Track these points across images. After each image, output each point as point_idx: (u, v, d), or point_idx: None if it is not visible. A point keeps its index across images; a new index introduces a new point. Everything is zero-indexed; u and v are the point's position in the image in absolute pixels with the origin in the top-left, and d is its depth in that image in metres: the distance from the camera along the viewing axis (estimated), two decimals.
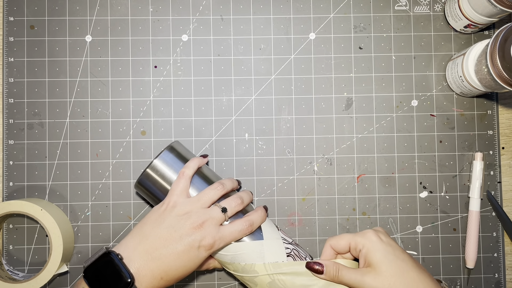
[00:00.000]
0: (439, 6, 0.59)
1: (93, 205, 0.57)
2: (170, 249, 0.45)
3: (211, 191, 0.48)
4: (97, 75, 0.58)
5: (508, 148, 0.59)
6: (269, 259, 0.48)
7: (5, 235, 0.57)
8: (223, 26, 0.58)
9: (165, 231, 0.45)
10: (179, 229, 0.45)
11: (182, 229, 0.45)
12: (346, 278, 0.45)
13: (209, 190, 0.49)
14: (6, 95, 0.57)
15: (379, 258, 0.44)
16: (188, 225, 0.45)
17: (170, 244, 0.45)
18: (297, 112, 0.58)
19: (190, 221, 0.46)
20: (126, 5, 0.58)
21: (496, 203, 0.57)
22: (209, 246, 0.46)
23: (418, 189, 0.58)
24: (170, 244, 0.45)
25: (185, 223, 0.46)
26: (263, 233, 0.50)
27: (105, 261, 0.44)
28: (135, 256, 0.44)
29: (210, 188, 0.49)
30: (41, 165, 0.57)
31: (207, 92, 0.58)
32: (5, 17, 0.57)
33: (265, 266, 0.47)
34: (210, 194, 0.48)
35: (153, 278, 0.44)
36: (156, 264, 0.44)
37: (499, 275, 0.57)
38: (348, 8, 0.59)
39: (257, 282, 0.48)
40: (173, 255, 0.45)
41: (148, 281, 0.44)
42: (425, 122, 0.58)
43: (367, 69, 0.59)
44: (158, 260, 0.44)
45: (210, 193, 0.48)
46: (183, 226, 0.45)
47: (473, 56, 0.53)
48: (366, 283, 0.43)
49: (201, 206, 0.47)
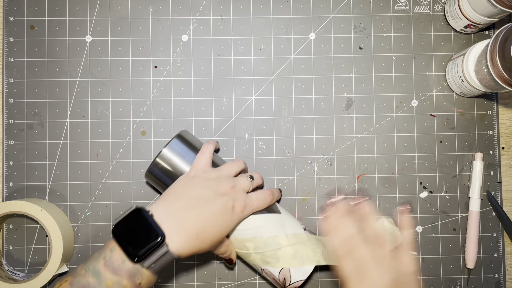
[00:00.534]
0: (439, 6, 0.59)
1: (93, 205, 0.57)
2: (206, 208, 0.44)
3: (233, 164, 0.51)
4: (97, 75, 0.58)
5: (508, 148, 0.59)
6: (290, 231, 0.48)
7: (5, 235, 0.57)
8: (223, 26, 0.58)
9: (199, 191, 0.45)
10: (212, 190, 0.46)
11: (216, 190, 0.46)
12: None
13: (231, 163, 0.51)
14: (6, 95, 0.57)
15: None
16: (221, 187, 0.46)
17: (206, 203, 0.45)
18: (297, 112, 0.58)
19: (223, 184, 0.47)
20: (126, 5, 0.58)
21: (496, 203, 0.57)
22: (242, 208, 0.46)
23: (418, 189, 0.58)
24: (205, 203, 0.45)
25: (218, 185, 0.46)
26: (279, 208, 0.52)
27: (135, 218, 0.42)
28: (168, 215, 0.43)
29: (231, 163, 0.51)
30: (41, 165, 0.57)
31: (207, 92, 0.58)
32: (5, 17, 0.57)
33: (287, 237, 0.48)
34: (234, 166, 0.50)
35: (188, 237, 0.42)
36: (192, 222, 0.43)
37: (499, 275, 0.57)
38: (348, 8, 0.59)
39: (280, 256, 0.48)
40: (208, 213, 0.44)
41: (182, 239, 0.42)
42: (425, 122, 0.58)
43: (367, 69, 0.59)
44: (193, 218, 0.43)
45: (233, 165, 0.50)
46: (216, 188, 0.46)
47: (473, 56, 0.53)
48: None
49: (228, 174, 0.49)
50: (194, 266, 0.57)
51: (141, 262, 0.41)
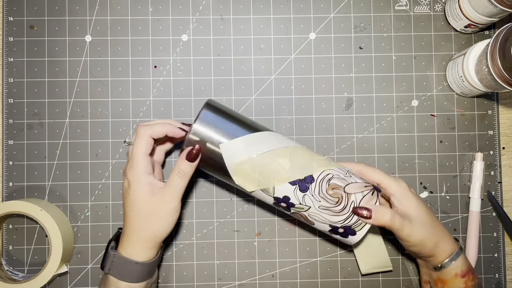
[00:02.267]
0: (440, 6, 0.59)
1: (92, 205, 0.57)
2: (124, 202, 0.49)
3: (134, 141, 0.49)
4: (97, 75, 0.58)
5: (508, 148, 0.59)
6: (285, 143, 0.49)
7: (5, 236, 0.56)
8: (223, 26, 0.58)
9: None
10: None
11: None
12: (396, 224, 0.46)
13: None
14: (6, 95, 0.57)
15: (414, 210, 0.47)
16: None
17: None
18: (297, 112, 0.58)
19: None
20: (126, 5, 0.58)
21: (496, 203, 0.57)
22: (127, 174, 0.48)
23: (418, 189, 0.58)
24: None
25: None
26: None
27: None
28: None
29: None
30: (40, 165, 0.57)
31: (207, 92, 0.58)
32: (4, 17, 0.57)
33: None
34: (132, 147, 0.49)
35: (124, 235, 0.49)
36: (125, 222, 0.49)
37: (500, 275, 0.57)
38: (348, 8, 0.59)
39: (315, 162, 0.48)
40: (125, 204, 0.49)
41: (123, 239, 0.48)
42: (426, 122, 0.58)
43: (367, 69, 0.59)
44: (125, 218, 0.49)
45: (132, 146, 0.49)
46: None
47: (473, 56, 0.52)
48: (404, 231, 0.47)
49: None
50: (194, 266, 0.57)
51: (104, 269, 0.47)
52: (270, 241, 0.57)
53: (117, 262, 0.46)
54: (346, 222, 0.47)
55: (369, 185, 0.48)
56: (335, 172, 0.47)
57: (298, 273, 0.57)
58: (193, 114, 0.58)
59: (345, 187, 0.47)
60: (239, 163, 0.46)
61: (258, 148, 0.46)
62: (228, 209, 0.57)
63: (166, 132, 0.47)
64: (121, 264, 0.46)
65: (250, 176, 0.46)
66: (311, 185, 0.46)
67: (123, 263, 0.46)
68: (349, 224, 0.47)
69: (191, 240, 0.57)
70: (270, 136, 0.48)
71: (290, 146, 0.48)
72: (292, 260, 0.57)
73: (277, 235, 0.57)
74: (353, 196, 0.47)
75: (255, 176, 0.46)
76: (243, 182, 0.47)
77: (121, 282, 0.46)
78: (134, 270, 0.46)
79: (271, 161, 0.46)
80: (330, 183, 0.47)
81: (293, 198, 0.46)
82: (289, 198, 0.47)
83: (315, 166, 0.47)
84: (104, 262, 0.47)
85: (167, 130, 0.47)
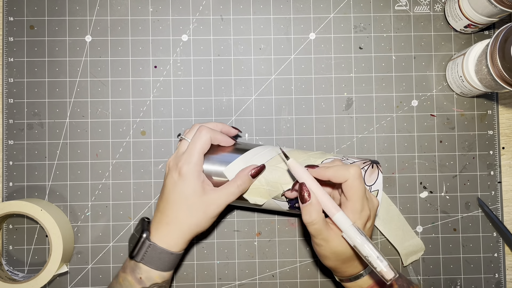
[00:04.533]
0: (439, 6, 0.59)
1: (93, 205, 0.57)
2: (163, 194, 0.49)
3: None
4: (97, 75, 0.58)
5: (508, 148, 0.59)
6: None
7: (5, 236, 0.56)
8: (223, 26, 0.58)
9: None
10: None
11: (166, 174, 0.51)
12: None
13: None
14: (6, 95, 0.57)
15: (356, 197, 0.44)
16: (168, 168, 0.50)
17: (163, 190, 0.50)
18: (297, 112, 0.58)
19: (168, 165, 0.51)
20: (126, 5, 0.58)
21: (488, 209, 0.57)
22: (179, 170, 0.48)
23: (418, 189, 0.58)
24: (163, 190, 0.50)
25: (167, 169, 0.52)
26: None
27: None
28: (153, 218, 0.50)
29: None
30: (41, 165, 0.57)
31: (207, 92, 0.58)
32: (5, 17, 0.57)
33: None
34: (182, 143, 0.50)
35: (161, 225, 0.48)
36: (161, 212, 0.49)
37: (499, 275, 0.57)
38: (348, 8, 0.59)
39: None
40: (164, 195, 0.49)
41: (156, 229, 0.49)
42: (425, 122, 0.58)
43: (367, 69, 0.59)
44: (161, 208, 0.49)
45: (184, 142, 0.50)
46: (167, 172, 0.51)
47: (473, 56, 0.52)
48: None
49: (176, 153, 0.51)
50: (194, 266, 0.57)
51: (135, 258, 0.46)
52: (270, 241, 0.57)
53: (152, 252, 0.46)
54: None
55: (367, 161, 0.50)
56: (332, 159, 0.49)
57: (298, 273, 0.57)
58: (193, 114, 0.58)
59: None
60: None
61: (256, 161, 0.48)
62: (228, 209, 0.57)
63: (221, 143, 0.49)
64: (157, 253, 0.46)
65: (259, 189, 0.48)
66: None
67: (159, 253, 0.46)
68: None
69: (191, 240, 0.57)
70: (263, 149, 0.50)
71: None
72: (292, 260, 0.57)
73: (277, 235, 0.57)
74: None
75: (264, 187, 0.48)
76: (256, 197, 0.49)
77: (153, 271, 0.46)
78: (168, 260, 0.47)
79: (273, 169, 0.48)
80: None
81: None
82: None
83: (312, 160, 0.48)
84: (135, 250, 0.47)
85: (224, 140, 0.49)
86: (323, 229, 0.43)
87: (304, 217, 0.44)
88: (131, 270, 0.47)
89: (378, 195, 0.48)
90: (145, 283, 0.46)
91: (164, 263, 0.47)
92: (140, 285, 0.47)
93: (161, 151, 0.57)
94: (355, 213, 0.43)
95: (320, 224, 0.43)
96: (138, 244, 0.46)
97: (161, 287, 0.48)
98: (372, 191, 0.48)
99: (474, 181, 0.58)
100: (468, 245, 0.58)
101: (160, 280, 0.47)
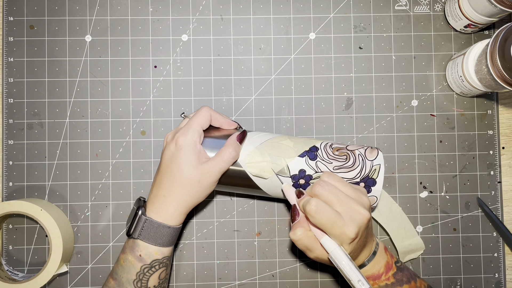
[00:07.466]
0: (439, 6, 0.59)
1: (93, 205, 0.57)
2: (160, 168, 0.50)
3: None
4: (97, 75, 0.58)
5: (508, 148, 0.59)
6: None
7: (5, 235, 0.56)
8: (223, 26, 0.58)
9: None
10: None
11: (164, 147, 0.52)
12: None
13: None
14: (6, 95, 0.57)
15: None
16: (166, 143, 0.52)
17: (160, 165, 0.51)
18: (297, 112, 0.58)
19: (166, 140, 0.52)
20: (126, 5, 0.58)
21: (488, 209, 0.57)
22: (176, 141, 0.49)
23: (418, 189, 0.58)
24: (160, 165, 0.51)
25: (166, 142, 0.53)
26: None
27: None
28: (149, 195, 0.51)
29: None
30: (40, 165, 0.57)
31: (207, 92, 0.58)
32: (4, 17, 0.57)
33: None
34: (184, 122, 0.52)
35: (157, 199, 0.49)
36: (157, 186, 0.50)
37: (499, 275, 0.57)
38: (348, 8, 0.59)
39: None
40: (161, 167, 0.50)
41: (152, 203, 0.49)
42: (425, 122, 0.58)
43: (367, 69, 0.59)
44: (158, 182, 0.50)
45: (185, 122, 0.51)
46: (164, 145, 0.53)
47: (473, 56, 0.53)
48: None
49: (176, 130, 0.52)
50: (194, 266, 0.57)
51: (132, 235, 0.47)
52: (270, 241, 0.57)
53: (149, 227, 0.47)
54: (362, 173, 0.49)
55: (365, 145, 0.52)
56: (331, 141, 0.52)
57: (298, 273, 0.57)
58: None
59: (347, 146, 0.51)
60: (248, 154, 0.49)
61: (258, 139, 0.50)
62: (228, 208, 0.57)
63: (222, 124, 0.50)
64: (153, 228, 0.47)
65: (262, 163, 0.49)
66: (318, 153, 0.49)
67: (155, 227, 0.47)
68: (365, 174, 0.49)
69: (191, 240, 0.57)
70: (263, 132, 0.52)
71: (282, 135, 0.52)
72: (292, 260, 0.57)
73: (277, 235, 0.57)
74: (357, 151, 0.50)
75: (267, 161, 0.49)
76: (258, 171, 0.49)
77: (151, 246, 0.47)
78: (166, 234, 0.47)
79: (275, 145, 0.50)
80: (333, 147, 0.50)
81: (308, 169, 0.49)
82: (304, 171, 0.49)
83: (313, 140, 0.51)
84: (132, 227, 0.47)
85: (226, 122, 0.50)
86: (310, 243, 0.45)
87: (290, 235, 0.45)
88: (130, 249, 0.47)
89: (380, 170, 0.49)
90: (145, 260, 0.47)
91: (162, 238, 0.47)
92: (140, 263, 0.47)
93: (161, 151, 0.57)
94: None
95: (304, 240, 0.44)
96: (135, 221, 0.47)
97: (162, 263, 0.48)
98: (374, 166, 0.49)
99: (474, 181, 0.58)
100: (468, 245, 0.58)
101: (160, 256, 0.47)
